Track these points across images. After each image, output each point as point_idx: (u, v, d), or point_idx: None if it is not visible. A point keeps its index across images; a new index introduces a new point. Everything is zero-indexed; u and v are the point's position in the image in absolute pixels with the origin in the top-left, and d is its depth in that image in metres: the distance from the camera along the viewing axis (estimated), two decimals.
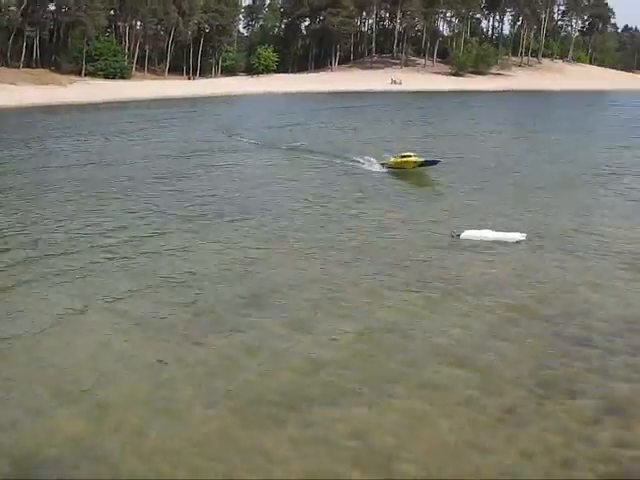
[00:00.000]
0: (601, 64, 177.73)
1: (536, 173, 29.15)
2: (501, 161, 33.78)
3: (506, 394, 7.79)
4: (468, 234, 17.03)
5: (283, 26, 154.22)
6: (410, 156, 31.98)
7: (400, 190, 28.73)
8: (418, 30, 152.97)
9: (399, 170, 31.83)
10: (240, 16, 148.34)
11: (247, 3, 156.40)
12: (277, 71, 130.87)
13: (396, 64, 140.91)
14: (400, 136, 44.70)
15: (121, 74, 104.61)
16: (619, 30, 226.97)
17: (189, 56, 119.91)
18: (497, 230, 17.37)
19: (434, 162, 30.79)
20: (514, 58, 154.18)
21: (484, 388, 8.18)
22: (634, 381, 7.80)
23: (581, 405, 7.51)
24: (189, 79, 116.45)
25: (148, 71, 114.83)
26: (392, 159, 33.16)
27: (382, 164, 33.52)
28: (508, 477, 6.14)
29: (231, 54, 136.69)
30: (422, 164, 31.18)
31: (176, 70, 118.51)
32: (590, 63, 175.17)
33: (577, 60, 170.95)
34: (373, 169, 33.24)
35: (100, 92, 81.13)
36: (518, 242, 16.63)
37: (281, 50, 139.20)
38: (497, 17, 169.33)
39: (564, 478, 5.95)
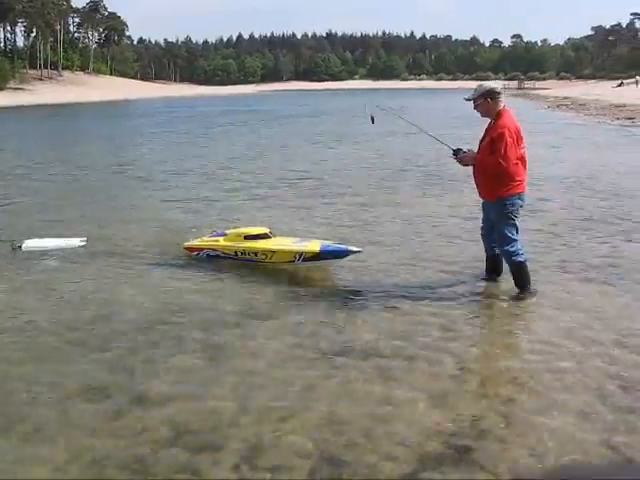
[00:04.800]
0: (122, 75, 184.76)
1: (83, 181, 29.17)
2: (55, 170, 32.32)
3: (28, 417, 7.57)
4: (29, 244, 16.75)
5: None
6: (267, 235, 11.11)
7: None
8: None
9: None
10: None
11: None
12: None
13: None
14: None
15: None
16: (135, 42, 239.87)
17: None
18: (58, 237, 17.51)
19: (346, 252, 10.45)
20: (33, 71, 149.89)
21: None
22: (155, 373, 8.59)
23: (109, 405, 8.11)
24: None
25: None
26: (222, 241, 11.93)
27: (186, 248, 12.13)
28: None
29: None
30: (313, 257, 10.53)
31: None
32: (111, 74, 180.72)
33: (98, 71, 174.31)
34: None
35: None
36: (79, 247, 17.07)
37: None
38: (9, 28, 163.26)
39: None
